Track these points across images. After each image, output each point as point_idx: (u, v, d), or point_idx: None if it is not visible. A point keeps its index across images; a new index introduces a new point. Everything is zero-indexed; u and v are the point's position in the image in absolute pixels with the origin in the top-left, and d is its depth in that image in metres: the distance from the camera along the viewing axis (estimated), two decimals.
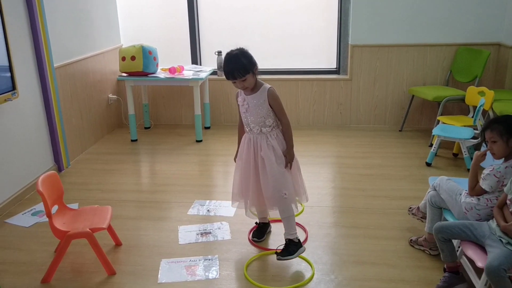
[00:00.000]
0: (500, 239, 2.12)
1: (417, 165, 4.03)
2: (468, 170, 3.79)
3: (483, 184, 2.34)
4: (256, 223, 2.91)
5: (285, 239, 2.61)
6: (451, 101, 4.41)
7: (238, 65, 2.41)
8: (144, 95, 5.16)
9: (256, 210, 2.83)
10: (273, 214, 2.82)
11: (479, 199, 2.38)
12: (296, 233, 2.62)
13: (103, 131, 4.93)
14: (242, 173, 2.65)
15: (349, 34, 4.91)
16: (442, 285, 2.32)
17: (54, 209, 2.62)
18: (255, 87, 2.52)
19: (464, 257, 2.38)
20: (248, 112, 2.54)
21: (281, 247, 2.61)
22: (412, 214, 2.93)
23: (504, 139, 2.28)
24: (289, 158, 2.57)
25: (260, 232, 2.89)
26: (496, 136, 2.31)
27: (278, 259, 2.56)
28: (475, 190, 2.38)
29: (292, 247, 2.57)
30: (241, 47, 2.50)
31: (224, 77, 2.54)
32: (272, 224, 2.97)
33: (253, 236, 2.88)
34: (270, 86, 2.54)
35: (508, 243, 2.08)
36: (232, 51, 2.48)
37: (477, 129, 3.87)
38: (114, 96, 5.10)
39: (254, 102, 2.51)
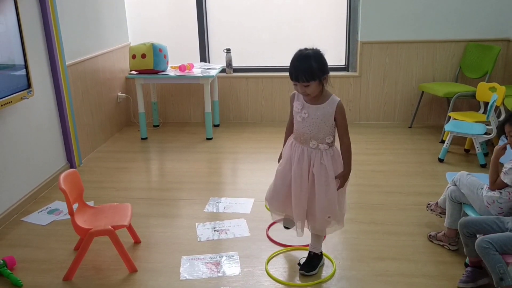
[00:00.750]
0: None
1: (429, 161, 4.04)
2: (481, 166, 3.83)
3: (505, 179, 2.34)
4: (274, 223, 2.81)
5: (310, 252, 2.55)
6: (461, 97, 4.41)
7: (305, 67, 2.13)
8: (153, 93, 5.16)
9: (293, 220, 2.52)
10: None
11: (501, 192, 2.39)
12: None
13: (112, 129, 4.92)
14: (294, 186, 2.36)
15: (358, 30, 4.91)
16: (465, 280, 2.33)
17: (74, 207, 2.61)
18: (322, 97, 2.24)
19: None
20: (306, 122, 2.26)
21: (303, 260, 2.56)
22: (431, 210, 2.94)
23: None
24: (343, 181, 2.34)
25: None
26: None
27: (301, 274, 2.49)
28: (496, 184, 2.39)
29: (315, 261, 2.53)
30: (317, 48, 2.21)
31: (232, 74, 2.31)
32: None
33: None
34: (339, 99, 2.26)
35: None
36: (305, 49, 2.19)
37: (489, 125, 3.88)
38: (123, 95, 5.09)
39: (317, 114, 2.23)
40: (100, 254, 2.73)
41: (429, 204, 3.01)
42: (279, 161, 2.52)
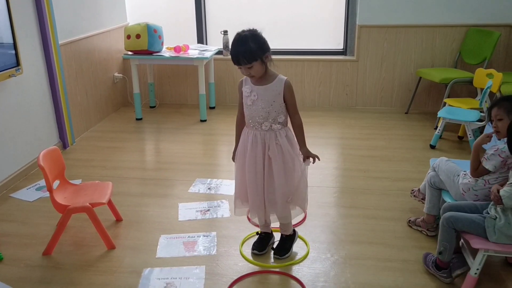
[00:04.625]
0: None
1: (421, 147, 4.00)
2: None
3: (487, 165, 2.30)
4: (257, 233, 2.64)
5: (282, 235, 2.55)
6: (458, 83, 4.34)
7: (245, 49, 2.12)
8: (150, 74, 5.16)
9: (258, 216, 2.49)
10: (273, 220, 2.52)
11: (477, 180, 2.36)
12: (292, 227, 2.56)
13: (108, 109, 4.95)
14: (248, 174, 2.32)
15: (357, 14, 4.84)
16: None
17: (56, 184, 2.65)
18: (268, 77, 2.25)
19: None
20: (257, 105, 2.24)
21: (276, 243, 2.57)
22: (414, 196, 2.93)
23: (511, 117, 2.24)
24: (313, 155, 2.32)
25: (261, 243, 2.58)
26: (503, 113, 2.27)
27: (276, 258, 2.49)
28: (478, 171, 2.34)
29: (288, 243, 2.53)
30: (254, 28, 2.19)
31: (229, 56, 2.31)
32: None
33: (253, 248, 2.56)
34: (286, 77, 2.27)
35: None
36: (242, 31, 2.17)
37: (483, 112, 3.82)
38: (119, 75, 5.11)
39: (266, 94, 2.23)
40: (82, 230, 2.78)
41: (412, 190, 2.99)
42: (233, 159, 2.45)
